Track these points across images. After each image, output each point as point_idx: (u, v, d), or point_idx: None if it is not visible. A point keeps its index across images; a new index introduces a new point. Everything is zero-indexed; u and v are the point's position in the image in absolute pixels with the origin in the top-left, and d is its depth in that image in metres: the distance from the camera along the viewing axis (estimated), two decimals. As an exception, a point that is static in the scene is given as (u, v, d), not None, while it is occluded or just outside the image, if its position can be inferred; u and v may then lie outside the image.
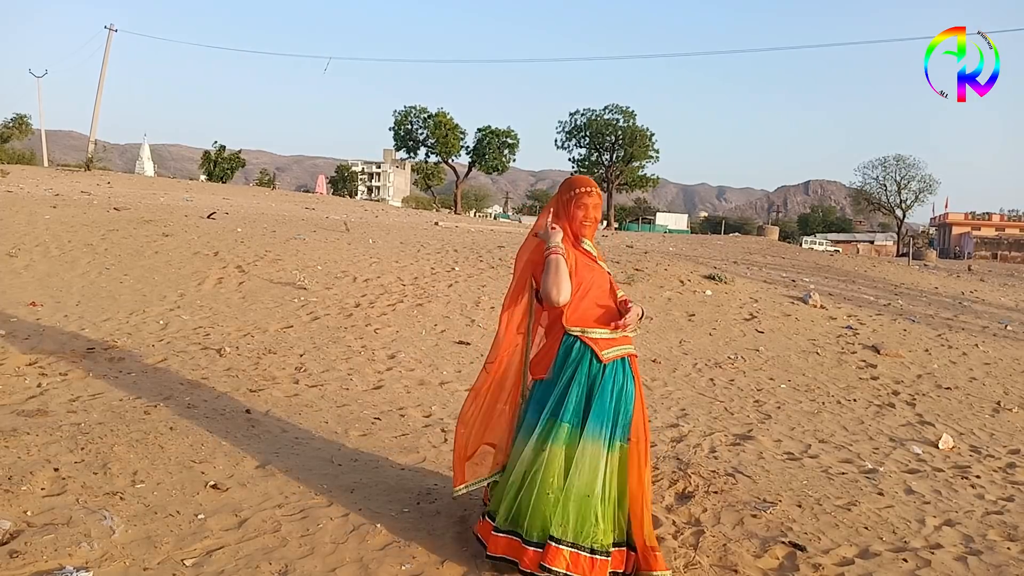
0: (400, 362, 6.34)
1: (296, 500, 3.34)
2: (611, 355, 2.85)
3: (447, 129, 52.66)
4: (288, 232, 11.83)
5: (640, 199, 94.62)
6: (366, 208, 28.59)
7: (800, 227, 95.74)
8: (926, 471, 4.82)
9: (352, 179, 76.09)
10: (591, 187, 2.99)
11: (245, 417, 4.46)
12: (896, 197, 63.94)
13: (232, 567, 2.75)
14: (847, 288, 13.04)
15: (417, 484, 3.65)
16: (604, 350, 2.84)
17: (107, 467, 3.42)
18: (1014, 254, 52.86)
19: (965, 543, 3.61)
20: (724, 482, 4.01)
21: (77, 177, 25.66)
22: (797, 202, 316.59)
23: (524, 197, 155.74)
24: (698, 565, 3.07)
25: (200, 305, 7.50)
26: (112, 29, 41.06)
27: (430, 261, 10.58)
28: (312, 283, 8.64)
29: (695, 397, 6.26)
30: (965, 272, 21.23)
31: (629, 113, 54.90)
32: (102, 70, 40.92)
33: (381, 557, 2.91)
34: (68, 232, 9.85)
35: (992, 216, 74.33)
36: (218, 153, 51.45)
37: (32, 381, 4.78)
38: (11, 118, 44.28)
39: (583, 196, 2.96)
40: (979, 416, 6.43)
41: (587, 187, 2.99)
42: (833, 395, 6.73)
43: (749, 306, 10.06)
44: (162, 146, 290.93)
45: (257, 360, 5.91)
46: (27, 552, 2.65)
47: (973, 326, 10.63)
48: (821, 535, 3.50)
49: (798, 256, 19.60)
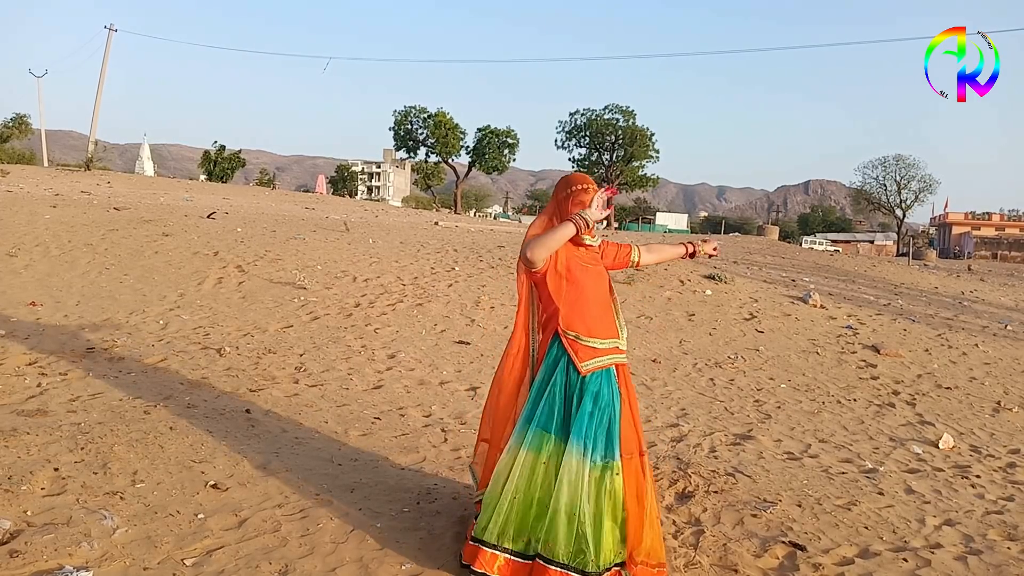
0: (400, 362, 6.34)
1: (296, 500, 3.34)
2: (591, 366, 2.75)
3: (447, 129, 52.66)
4: (288, 232, 11.83)
5: (640, 199, 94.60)
6: (366, 208, 28.59)
7: (800, 227, 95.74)
8: (926, 471, 4.82)
9: (352, 179, 76.12)
10: (588, 184, 2.90)
11: (245, 417, 4.46)
12: (896, 197, 63.95)
13: (232, 567, 2.75)
14: (847, 288, 13.04)
15: (417, 484, 3.65)
16: (584, 361, 2.75)
17: (107, 467, 3.42)
18: (1014, 254, 52.85)
19: (965, 543, 3.61)
20: (724, 482, 4.01)
21: (77, 177, 25.66)
22: (797, 202, 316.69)
23: (524, 197, 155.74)
24: (698, 565, 3.06)
25: (200, 305, 7.50)
26: (112, 29, 41.06)
27: (430, 261, 10.58)
28: (312, 283, 8.64)
29: (695, 397, 6.26)
30: (965, 272, 21.22)
31: (629, 113, 54.89)
32: (102, 70, 40.93)
33: (381, 557, 2.91)
34: (68, 232, 9.85)
35: (992, 216, 74.30)
36: (218, 153, 51.46)
37: (32, 381, 4.78)
38: (11, 118, 44.27)
39: (580, 193, 2.87)
40: (979, 416, 6.43)
41: (584, 184, 2.90)
42: (833, 395, 6.73)
43: (749, 306, 10.06)
44: (162, 146, 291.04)
45: (257, 360, 5.91)
46: (27, 552, 2.65)
47: (973, 326, 10.63)
48: (821, 535, 3.50)
49: (798, 256, 19.60)
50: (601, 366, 2.78)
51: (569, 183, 2.93)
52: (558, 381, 2.76)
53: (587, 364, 2.75)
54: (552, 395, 2.75)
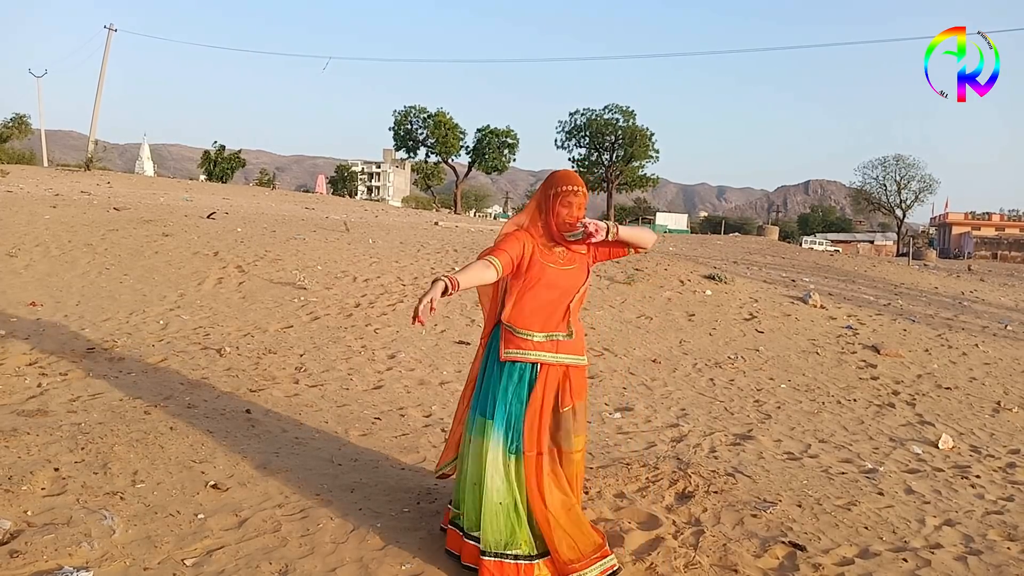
0: (400, 362, 6.34)
1: (296, 500, 3.34)
2: (512, 356, 2.80)
3: (447, 129, 52.63)
4: (288, 232, 11.83)
5: (640, 199, 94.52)
6: (366, 208, 28.58)
7: (800, 227, 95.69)
8: (926, 471, 4.82)
9: (352, 179, 76.08)
10: (578, 185, 2.85)
11: (245, 417, 4.46)
12: (896, 197, 63.92)
13: (232, 567, 2.75)
14: (847, 288, 13.04)
15: (417, 484, 3.65)
16: (507, 349, 2.80)
17: (107, 467, 3.42)
18: (1014, 254, 52.84)
19: (965, 543, 3.61)
20: (724, 482, 4.01)
21: (77, 177, 25.65)
22: (797, 202, 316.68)
23: (524, 197, 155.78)
24: (698, 565, 3.06)
25: (200, 305, 7.50)
26: (112, 29, 41.05)
27: (430, 261, 10.58)
28: (312, 283, 8.64)
29: (695, 397, 6.26)
30: (965, 272, 21.22)
31: (629, 113, 54.85)
32: (102, 70, 40.92)
33: (381, 557, 2.91)
34: (68, 232, 9.85)
35: (992, 216, 74.29)
36: (218, 153, 51.42)
37: (32, 381, 4.78)
38: (11, 118, 44.22)
39: (568, 195, 2.83)
40: (979, 416, 6.43)
41: (572, 186, 2.84)
42: (833, 395, 6.73)
43: (749, 306, 10.06)
44: (162, 146, 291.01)
45: (257, 360, 5.91)
46: (27, 552, 2.65)
47: (973, 326, 10.63)
48: (821, 535, 3.49)
49: (798, 256, 19.61)
50: (521, 359, 2.81)
51: (556, 182, 2.87)
52: (494, 370, 2.85)
53: (509, 352, 2.81)
54: (487, 382, 2.86)
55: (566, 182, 2.86)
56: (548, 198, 2.87)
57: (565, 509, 2.78)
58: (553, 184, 2.88)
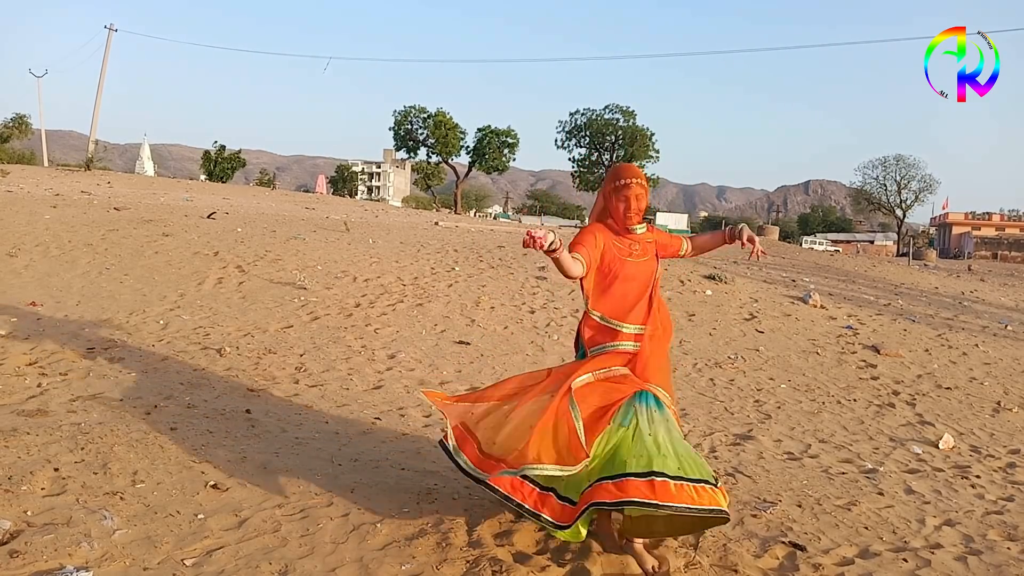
0: (400, 362, 6.34)
1: (296, 500, 3.34)
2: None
3: (447, 129, 52.64)
4: (288, 232, 11.83)
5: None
6: (366, 208, 28.58)
7: (800, 227, 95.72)
8: (926, 471, 4.82)
9: (352, 179, 76.04)
10: (632, 178, 3.03)
11: (245, 417, 4.46)
12: (896, 197, 63.96)
13: (232, 567, 2.75)
14: (847, 288, 13.04)
15: (417, 484, 3.65)
16: (590, 347, 3.13)
17: (107, 467, 3.42)
18: (1014, 254, 52.86)
19: (965, 543, 3.61)
20: (724, 482, 4.01)
21: (77, 177, 25.66)
22: (797, 202, 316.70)
23: (524, 197, 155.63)
24: (698, 565, 3.06)
25: (200, 305, 7.50)
26: (112, 29, 41.07)
27: (430, 261, 10.58)
28: (312, 283, 8.64)
29: (695, 397, 6.26)
30: (965, 272, 21.23)
31: (629, 113, 54.87)
32: (102, 70, 40.94)
33: (381, 557, 2.91)
34: (68, 232, 9.85)
35: (992, 216, 74.29)
36: (218, 153, 51.40)
37: (32, 381, 4.78)
38: (11, 118, 44.26)
39: (624, 189, 3.02)
40: (979, 416, 6.43)
41: (629, 178, 3.03)
42: (833, 395, 6.73)
43: (749, 306, 10.06)
44: (162, 146, 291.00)
45: (257, 360, 5.91)
46: (27, 552, 2.65)
47: (973, 326, 10.63)
48: (821, 535, 3.49)
49: (798, 256, 19.61)
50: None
51: (616, 176, 3.07)
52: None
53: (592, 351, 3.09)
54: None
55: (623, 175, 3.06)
56: (607, 193, 3.09)
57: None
58: (611, 179, 3.09)
